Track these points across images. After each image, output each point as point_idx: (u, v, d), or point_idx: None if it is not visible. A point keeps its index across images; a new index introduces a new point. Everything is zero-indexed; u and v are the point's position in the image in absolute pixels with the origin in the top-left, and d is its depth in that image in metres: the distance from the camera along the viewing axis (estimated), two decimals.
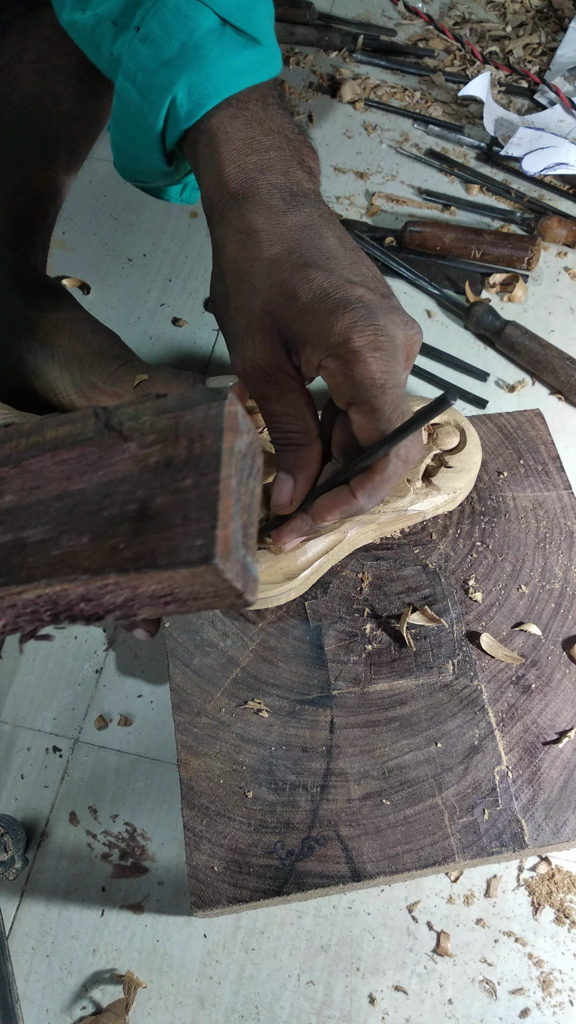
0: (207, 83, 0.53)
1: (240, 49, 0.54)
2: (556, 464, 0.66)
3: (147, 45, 0.54)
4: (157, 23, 0.53)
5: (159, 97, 0.54)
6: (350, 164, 0.99)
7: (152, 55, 0.54)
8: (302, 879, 0.52)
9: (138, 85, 0.55)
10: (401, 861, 0.52)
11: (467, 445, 0.63)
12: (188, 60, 0.53)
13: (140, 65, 0.54)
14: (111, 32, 0.56)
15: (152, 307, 0.88)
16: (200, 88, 0.53)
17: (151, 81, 0.54)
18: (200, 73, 0.53)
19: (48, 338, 0.67)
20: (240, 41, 0.54)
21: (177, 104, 0.54)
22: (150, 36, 0.54)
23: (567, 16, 1.10)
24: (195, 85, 0.53)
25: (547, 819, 0.53)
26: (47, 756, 0.65)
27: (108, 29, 0.56)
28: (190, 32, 0.53)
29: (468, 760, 0.55)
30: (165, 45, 0.53)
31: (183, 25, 0.53)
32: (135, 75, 0.55)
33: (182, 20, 0.53)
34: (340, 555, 0.61)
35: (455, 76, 1.06)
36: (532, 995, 0.57)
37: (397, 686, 0.58)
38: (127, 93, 0.55)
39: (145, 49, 0.54)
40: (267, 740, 0.56)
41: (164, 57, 0.53)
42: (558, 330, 0.87)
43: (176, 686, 0.57)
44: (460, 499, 0.64)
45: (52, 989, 0.58)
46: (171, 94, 0.53)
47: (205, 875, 0.52)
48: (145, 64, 0.54)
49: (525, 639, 0.60)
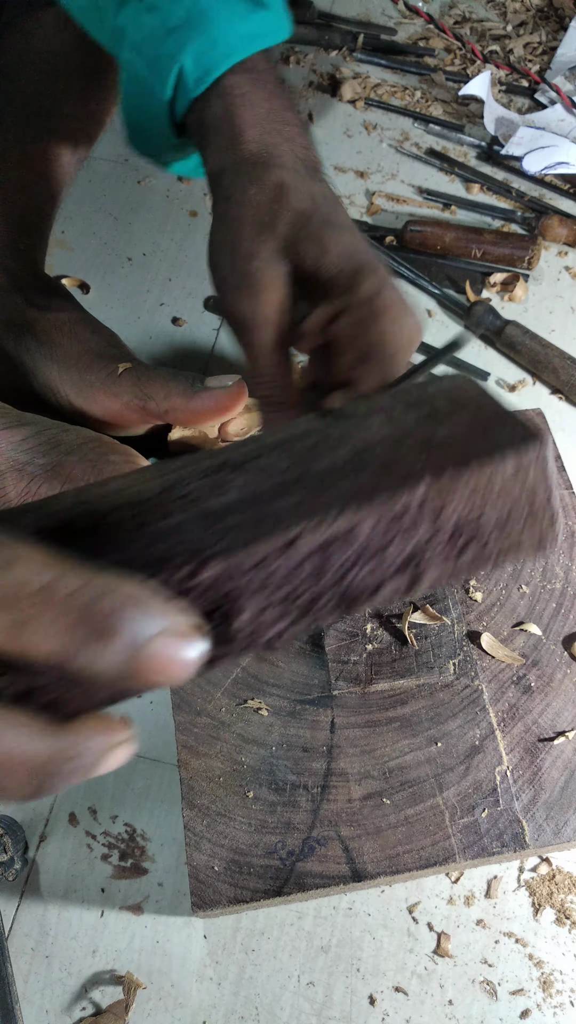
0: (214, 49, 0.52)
1: (247, 13, 0.53)
2: (557, 464, 0.66)
3: (152, 14, 0.53)
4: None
5: (167, 66, 0.53)
6: (350, 163, 0.99)
7: (158, 24, 0.53)
8: (303, 879, 0.52)
9: (145, 55, 0.54)
10: (402, 861, 0.52)
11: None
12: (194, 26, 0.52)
13: (146, 35, 0.54)
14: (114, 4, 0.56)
15: (152, 306, 0.88)
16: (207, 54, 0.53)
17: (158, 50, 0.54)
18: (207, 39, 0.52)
19: (47, 337, 0.67)
20: (246, 5, 0.53)
21: (185, 72, 0.53)
22: (155, 5, 0.53)
23: (567, 15, 1.10)
24: (202, 51, 0.53)
25: (548, 819, 0.53)
26: None
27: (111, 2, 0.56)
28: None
29: (469, 760, 0.55)
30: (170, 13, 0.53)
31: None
32: (141, 45, 0.54)
33: None
34: None
35: (455, 75, 1.06)
36: (533, 996, 0.57)
37: (398, 686, 0.58)
38: (134, 65, 0.55)
39: (150, 19, 0.53)
40: (268, 740, 0.56)
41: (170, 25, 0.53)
42: (559, 330, 0.86)
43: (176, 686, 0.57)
44: None
45: (52, 990, 0.58)
46: (178, 62, 0.53)
47: (205, 875, 0.52)
48: (151, 34, 0.54)
49: (526, 639, 0.59)
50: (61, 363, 0.66)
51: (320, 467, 0.31)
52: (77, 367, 0.65)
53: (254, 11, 0.54)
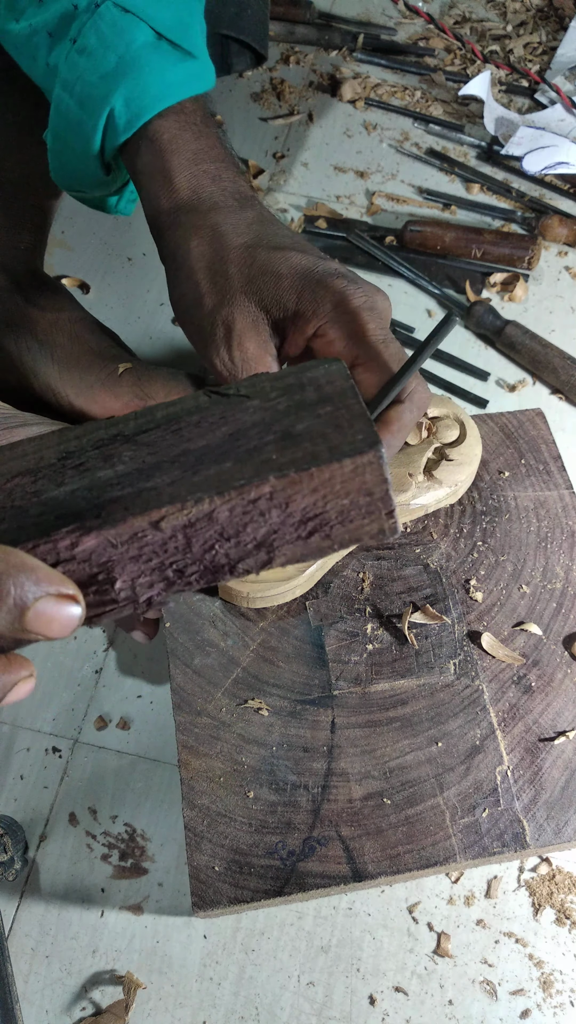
0: (144, 94, 0.54)
1: (176, 62, 0.55)
2: (557, 463, 0.66)
3: (85, 57, 0.55)
4: (94, 36, 0.54)
5: (97, 108, 0.55)
6: (350, 163, 0.99)
7: (90, 67, 0.55)
8: (303, 879, 0.52)
9: (76, 95, 0.56)
10: (402, 861, 0.52)
11: (467, 438, 0.63)
12: (125, 72, 0.54)
13: (78, 76, 0.55)
14: (47, 43, 0.57)
15: (152, 306, 0.88)
16: (137, 99, 0.54)
17: (89, 92, 0.55)
18: (137, 85, 0.54)
19: (47, 338, 0.67)
20: (176, 55, 0.55)
21: (115, 115, 0.55)
22: (87, 48, 0.55)
23: (567, 15, 1.10)
24: (132, 96, 0.54)
25: (548, 819, 0.53)
26: (47, 757, 0.65)
27: (44, 40, 0.57)
28: (127, 45, 0.54)
29: (469, 760, 0.55)
30: (103, 58, 0.54)
31: (120, 38, 0.54)
32: (73, 85, 0.56)
33: (119, 33, 0.54)
34: (343, 552, 0.61)
35: (455, 75, 1.06)
36: (533, 996, 0.57)
37: (398, 686, 0.58)
38: (65, 103, 0.56)
39: (83, 61, 0.55)
40: (268, 740, 0.56)
41: (102, 70, 0.54)
42: (559, 329, 0.86)
43: (177, 686, 0.57)
44: (461, 492, 0.63)
45: (52, 990, 0.58)
46: (109, 105, 0.55)
47: (206, 875, 0.52)
48: (83, 76, 0.55)
49: (526, 639, 0.59)
50: (61, 363, 0.66)
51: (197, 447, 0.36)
52: (77, 367, 0.65)
53: (183, 60, 0.55)
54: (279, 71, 1.08)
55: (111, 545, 0.33)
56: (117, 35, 0.54)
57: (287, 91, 1.05)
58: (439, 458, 0.62)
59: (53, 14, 0.56)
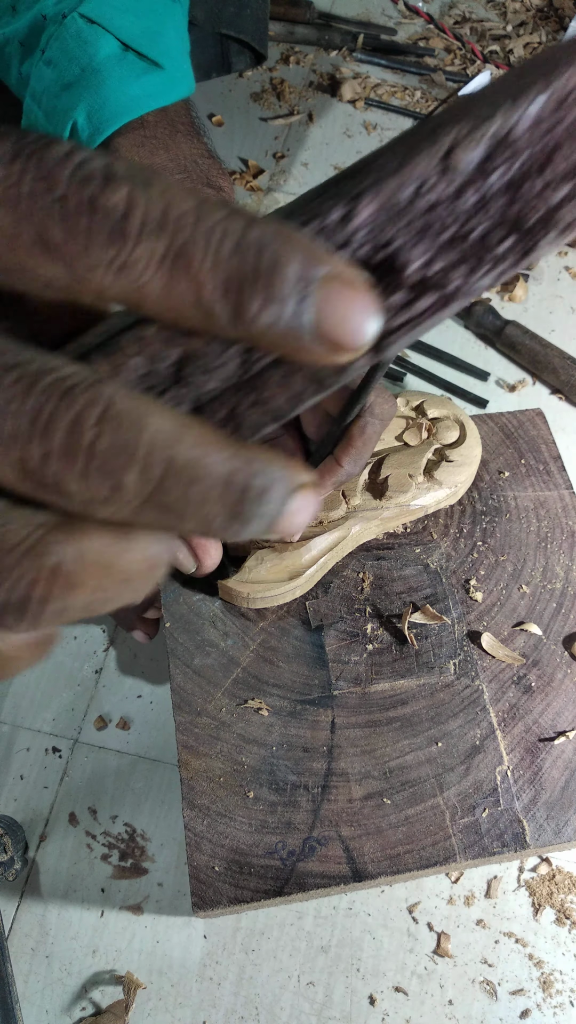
0: (105, 108, 0.53)
1: (140, 74, 0.54)
2: (557, 464, 0.66)
3: (51, 68, 0.54)
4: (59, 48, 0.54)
5: (61, 120, 0.54)
6: (350, 163, 0.99)
7: (54, 79, 0.54)
8: (303, 879, 0.52)
9: (43, 107, 0.55)
10: (403, 861, 0.52)
11: (467, 439, 0.63)
12: (87, 85, 0.53)
13: (44, 88, 0.55)
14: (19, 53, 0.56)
15: None
16: (99, 113, 0.53)
17: (54, 104, 0.54)
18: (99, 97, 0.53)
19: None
20: (141, 66, 0.54)
21: (78, 128, 0.54)
22: (53, 60, 0.54)
23: (567, 15, 1.10)
24: (94, 110, 0.53)
25: (549, 819, 0.53)
26: (46, 757, 0.65)
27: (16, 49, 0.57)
28: (90, 57, 0.53)
29: (469, 760, 0.55)
30: (66, 70, 0.54)
31: (83, 50, 0.53)
32: (40, 97, 0.55)
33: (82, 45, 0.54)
34: (344, 552, 0.61)
35: (455, 75, 1.06)
36: (532, 996, 0.57)
37: (398, 686, 0.58)
38: (33, 114, 0.56)
39: (49, 72, 0.54)
40: (268, 740, 0.56)
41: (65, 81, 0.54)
42: (559, 329, 0.86)
43: (177, 686, 0.57)
44: (461, 493, 0.63)
45: (52, 990, 0.58)
46: (72, 118, 0.54)
47: (206, 875, 0.52)
48: (48, 87, 0.55)
49: (526, 639, 0.59)
50: None
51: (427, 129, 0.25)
52: None
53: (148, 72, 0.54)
54: (279, 71, 1.08)
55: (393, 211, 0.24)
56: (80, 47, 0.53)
57: (287, 91, 1.05)
58: (439, 459, 0.62)
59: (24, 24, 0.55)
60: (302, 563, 0.58)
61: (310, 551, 0.58)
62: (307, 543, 0.58)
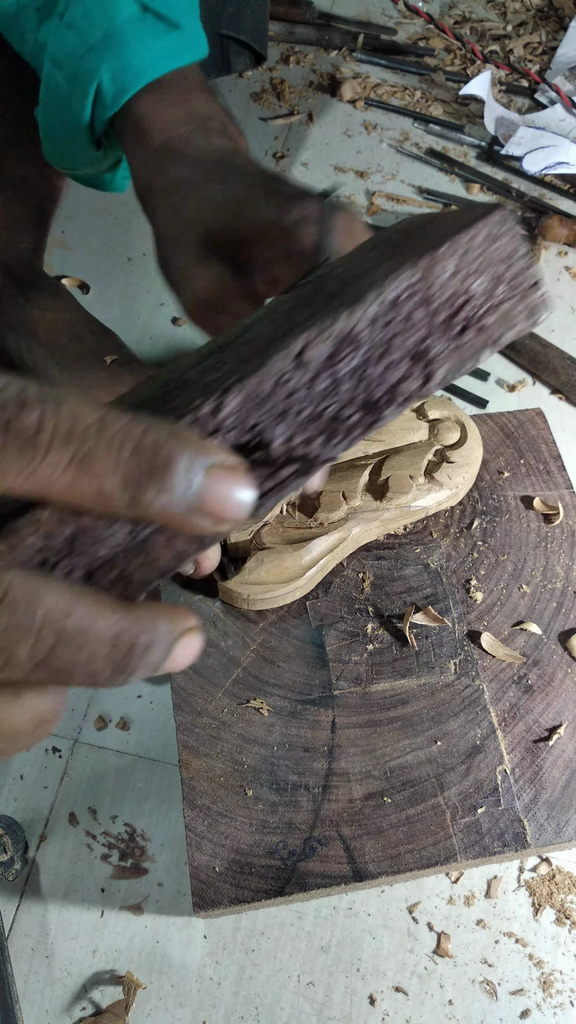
0: (129, 68, 0.54)
1: (161, 34, 0.55)
2: (557, 463, 0.66)
3: (72, 32, 0.56)
4: (80, 11, 0.55)
5: (86, 82, 0.55)
6: (350, 163, 0.99)
7: (77, 42, 0.55)
8: (304, 879, 0.51)
9: (65, 71, 0.56)
10: (403, 861, 0.52)
11: (467, 440, 0.63)
12: (111, 46, 0.54)
13: (66, 52, 0.56)
14: (35, 19, 0.58)
15: (152, 306, 0.88)
16: (123, 73, 0.55)
17: (76, 67, 0.56)
18: (122, 58, 0.54)
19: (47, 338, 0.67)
20: (161, 27, 0.56)
21: (103, 89, 0.55)
22: (74, 23, 0.55)
23: (567, 15, 1.10)
24: (118, 70, 0.54)
25: (549, 819, 0.53)
26: (46, 757, 0.65)
27: (32, 16, 0.58)
28: (111, 19, 0.55)
29: (470, 760, 0.55)
30: (88, 32, 0.55)
31: (104, 13, 0.55)
32: (62, 61, 0.56)
33: (103, 8, 0.55)
34: (344, 553, 0.61)
35: (455, 75, 1.06)
36: (532, 996, 0.57)
37: (399, 686, 0.58)
38: (54, 79, 0.57)
39: (70, 36, 0.56)
40: (269, 740, 0.55)
41: (89, 43, 0.55)
42: (559, 330, 0.86)
43: (177, 686, 0.57)
44: (462, 494, 0.63)
45: (52, 990, 0.58)
46: (97, 79, 0.55)
47: (207, 875, 0.51)
48: (70, 51, 0.56)
49: (527, 638, 0.59)
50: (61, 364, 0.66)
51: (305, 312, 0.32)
52: (77, 368, 0.65)
53: (168, 32, 0.55)
54: (279, 71, 1.08)
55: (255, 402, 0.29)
56: (101, 9, 0.55)
57: (287, 91, 1.05)
58: (440, 460, 0.62)
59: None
60: (302, 564, 0.58)
61: (310, 552, 0.58)
62: (307, 544, 0.58)
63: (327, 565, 0.60)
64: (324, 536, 0.59)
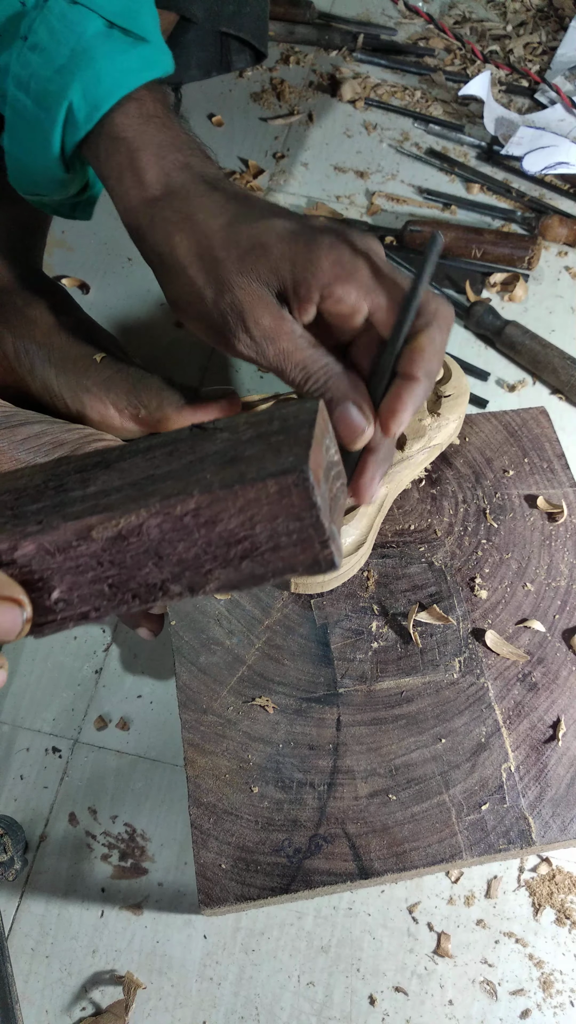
0: (100, 84, 0.54)
1: (128, 48, 0.55)
2: (561, 462, 0.66)
3: (37, 54, 0.54)
4: (45, 31, 0.54)
5: (55, 103, 0.54)
6: (350, 163, 0.99)
7: (44, 63, 0.54)
8: (310, 877, 0.51)
9: (32, 93, 0.55)
10: (409, 859, 0.52)
11: (453, 372, 0.67)
12: (79, 64, 0.53)
13: (32, 73, 0.55)
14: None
15: (152, 306, 0.87)
16: (94, 90, 0.54)
17: (45, 88, 0.54)
18: (92, 75, 0.53)
19: (46, 340, 0.67)
20: (128, 41, 0.55)
21: (74, 109, 0.54)
22: (39, 44, 0.54)
23: (567, 15, 1.11)
24: (89, 87, 0.53)
25: (554, 816, 0.53)
26: (46, 757, 0.65)
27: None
28: (78, 37, 0.54)
29: (475, 757, 0.55)
30: (55, 52, 0.54)
31: (70, 31, 0.54)
32: (28, 83, 0.55)
33: (69, 26, 0.54)
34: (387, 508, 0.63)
35: (455, 75, 1.06)
36: (533, 996, 0.57)
37: (403, 684, 0.57)
38: (20, 102, 0.56)
39: (36, 58, 0.54)
40: (274, 738, 0.55)
41: (56, 64, 0.54)
42: (559, 330, 0.87)
43: (182, 684, 0.57)
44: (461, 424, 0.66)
45: (52, 990, 0.57)
46: (67, 99, 0.54)
47: (213, 873, 0.51)
48: (37, 72, 0.54)
49: (531, 636, 0.59)
50: (58, 366, 0.65)
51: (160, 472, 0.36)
52: (74, 371, 0.65)
53: (135, 46, 0.55)
54: (279, 71, 1.08)
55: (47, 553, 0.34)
56: (68, 28, 0.54)
57: (287, 91, 1.05)
58: (436, 397, 0.65)
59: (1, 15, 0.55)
60: (360, 532, 0.59)
61: (362, 519, 0.59)
62: (355, 512, 0.59)
63: (377, 525, 0.61)
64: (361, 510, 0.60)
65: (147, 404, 0.62)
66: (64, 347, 0.66)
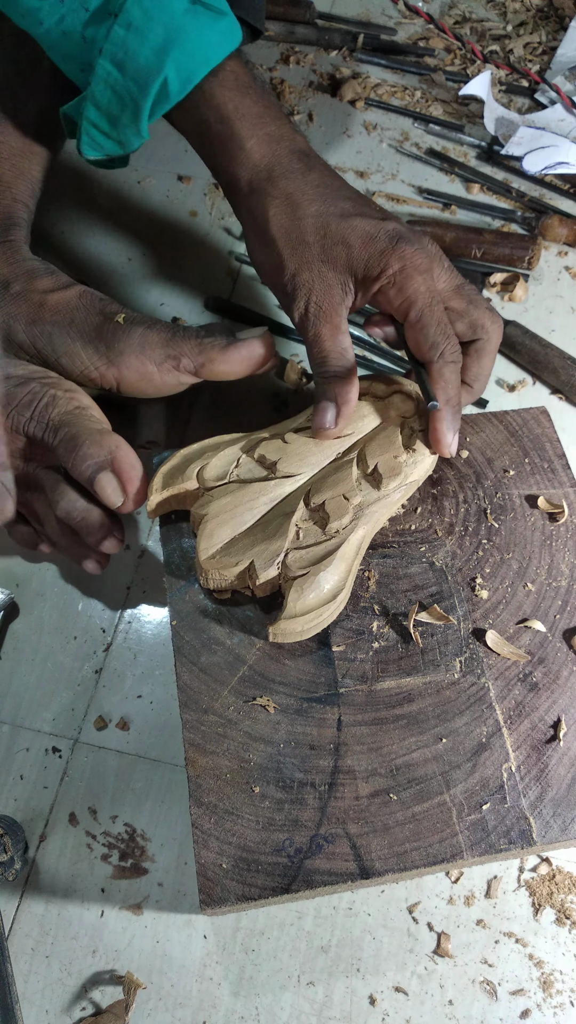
0: (192, 59, 0.60)
1: (212, 23, 0.61)
2: (562, 461, 0.66)
3: (131, 32, 0.59)
4: (138, 11, 0.59)
5: (151, 79, 0.60)
6: (350, 163, 0.99)
7: (139, 42, 0.59)
8: (311, 877, 0.51)
9: (128, 71, 0.60)
10: (410, 858, 0.52)
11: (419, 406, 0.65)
12: (173, 43, 0.59)
13: (127, 52, 0.60)
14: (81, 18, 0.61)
15: (152, 306, 0.87)
16: (187, 65, 0.60)
17: (140, 65, 0.60)
18: (185, 52, 0.59)
19: (60, 317, 0.65)
20: (210, 15, 0.60)
21: (168, 83, 0.60)
22: (133, 24, 0.59)
23: (567, 15, 1.11)
24: (182, 63, 0.59)
25: (555, 816, 0.53)
26: (46, 757, 0.64)
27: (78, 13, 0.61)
28: (170, 16, 0.59)
29: (476, 757, 0.55)
30: (151, 32, 0.59)
31: (163, 11, 0.59)
32: (123, 62, 0.60)
33: (160, 5, 0.59)
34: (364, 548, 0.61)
35: (455, 75, 1.06)
36: (533, 996, 0.57)
37: (404, 684, 0.57)
38: (113, 76, 0.61)
39: (130, 36, 0.59)
40: (275, 738, 0.55)
41: (153, 44, 0.59)
42: (559, 330, 0.87)
43: (183, 684, 0.57)
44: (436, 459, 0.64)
45: (52, 990, 0.57)
46: (162, 76, 0.59)
47: (213, 873, 0.51)
48: (133, 51, 0.59)
49: (532, 636, 0.59)
50: (83, 337, 0.64)
51: None
52: (101, 338, 0.64)
53: (217, 19, 0.61)
54: (279, 71, 1.08)
55: None
56: (159, 7, 0.59)
57: (287, 91, 1.05)
58: (411, 432, 0.63)
59: None
60: (338, 577, 0.57)
61: (340, 562, 0.58)
62: (333, 555, 0.57)
63: (355, 570, 0.60)
64: (345, 542, 0.58)
65: (187, 352, 0.63)
66: (82, 318, 0.65)
